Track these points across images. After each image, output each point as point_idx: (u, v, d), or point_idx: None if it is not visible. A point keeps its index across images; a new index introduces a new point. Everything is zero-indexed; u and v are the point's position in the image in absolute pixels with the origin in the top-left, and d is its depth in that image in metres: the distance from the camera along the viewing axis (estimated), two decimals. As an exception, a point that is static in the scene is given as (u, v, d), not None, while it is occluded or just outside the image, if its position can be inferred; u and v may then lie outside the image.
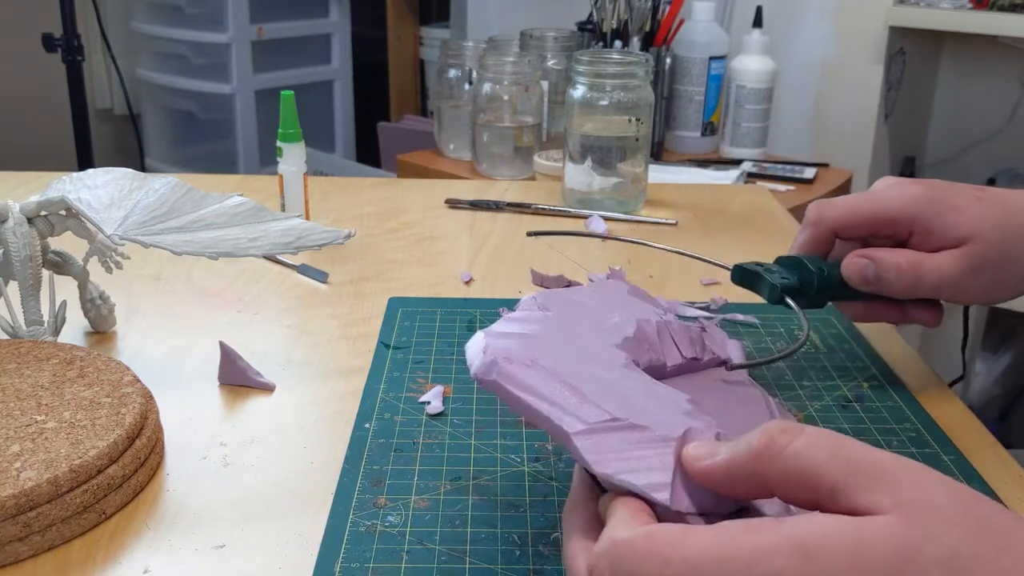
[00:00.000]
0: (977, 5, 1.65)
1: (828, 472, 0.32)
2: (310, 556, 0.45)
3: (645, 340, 0.46)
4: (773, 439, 0.33)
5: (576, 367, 0.40)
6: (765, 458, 0.33)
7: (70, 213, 0.64)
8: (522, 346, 0.40)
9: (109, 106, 2.80)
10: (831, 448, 0.32)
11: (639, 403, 0.38)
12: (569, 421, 0.37)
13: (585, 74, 0.97)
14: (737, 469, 0.34)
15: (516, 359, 0.39)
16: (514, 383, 0.38)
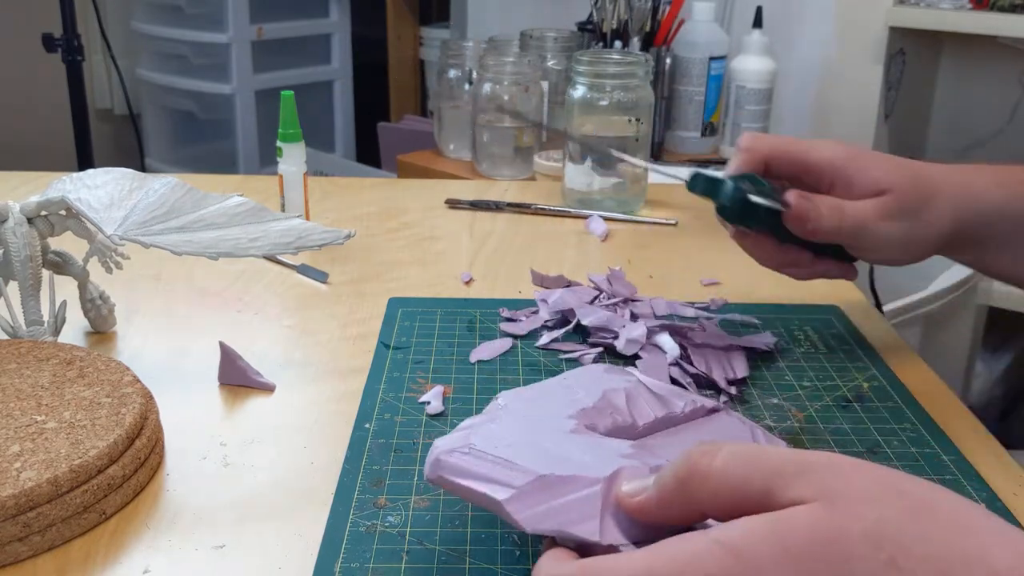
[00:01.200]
0: (977, 5, 1.65)
1: (754, 481, 0.33)
2: (310, 556, 0.45)
3: (608, 407, 0.46)
4: (695, 463, 0.34)
5: (518, 440, 0.41)
6: (692, 483, 0.34)
7: (70, 213, 0.64)
8: (463, 438, 0.42)
9: (109, 106, 2.80)
10: (752, 458, 0.33)
11: (576, 458, 0.39)
12: (500, 491, 0.38)
13: (585, 74, 0.97)
14: (668, 499, 0.35)
15: (455, 450, 0.41)
16: (453, 472, 0.40)
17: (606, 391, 0.47)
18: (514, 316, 0.71)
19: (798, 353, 0.67)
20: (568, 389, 0.47)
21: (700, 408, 0.49)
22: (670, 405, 0.48)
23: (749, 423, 0.48)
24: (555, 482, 0.38)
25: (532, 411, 0.45)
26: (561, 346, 0.67)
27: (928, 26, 1.69)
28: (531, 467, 0.39)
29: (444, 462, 0.41)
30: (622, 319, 0.68)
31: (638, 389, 0.48)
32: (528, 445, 0.41)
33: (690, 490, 0.34)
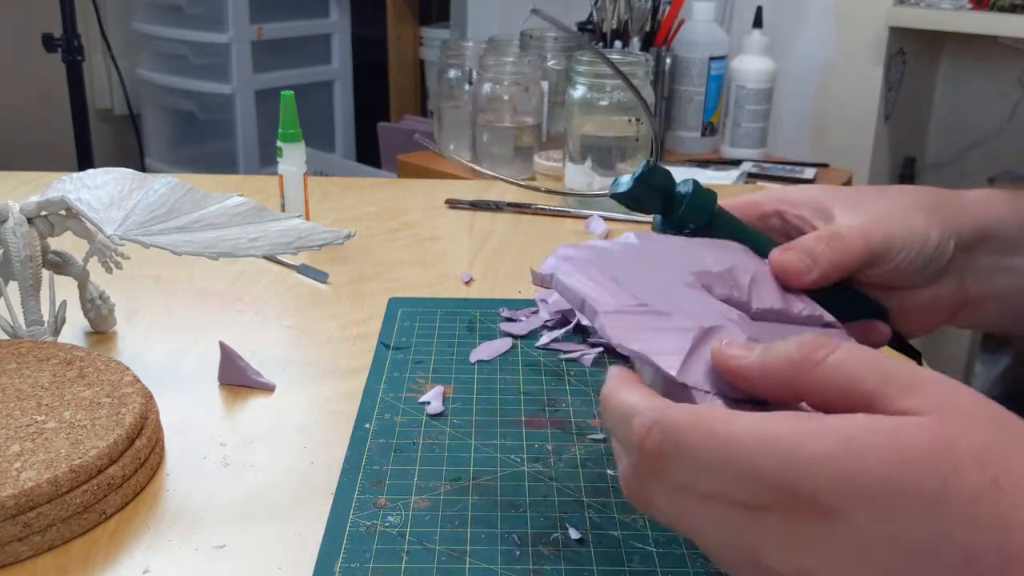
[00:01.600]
0: (977, 5, 1.65)
1: (865, 382, 0.33)
2: (310, 556, 0.45)
3: (730, 279, 0.45)
4: (812, 350, 0.34)
5: (634, 271, 0.41)
6: (803, 367, 0.34)
7: (70, 213, 0.64)
8: (587, 248, 0.43)
9: (109, 106, 2.80)
10: (868, 361, 0.33)
11: (681, 301, 0.40)
12: (603, 301, 0.39)
13: (585, 74, 0.97)
14: (772, 373, 0.35)
15: (574, 257, 0.42)
16: (566, 273, 0.41)
17: (734, 266, 0.46)
18: (514, 316, 0.71)
19: (798, 353, 0.67)
20: (700, 247, 0.46)
21: (818, 317, 0.46)
22: (790, 303, 0.46)
23: None
24: (653, 312, 0.38)
25: (658, 254, 0.45)
26: (561, 346, 0.67)
27: (928, 26, 1.69)
28: (640, 295, 0.39)
29: (562, 265, 0.41)
30: (622, 319, 0.68)
31: (766, 277, 0.47)
32: (643, 278, 0.41)
33: (799, 373, 0.34)
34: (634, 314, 0.38)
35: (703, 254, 0.46)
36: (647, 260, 0.44)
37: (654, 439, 0.33)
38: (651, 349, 0.36)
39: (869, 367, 0.33)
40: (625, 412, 0.34)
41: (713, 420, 0.32)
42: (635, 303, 0.39)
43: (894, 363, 0.33)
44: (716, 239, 0.48)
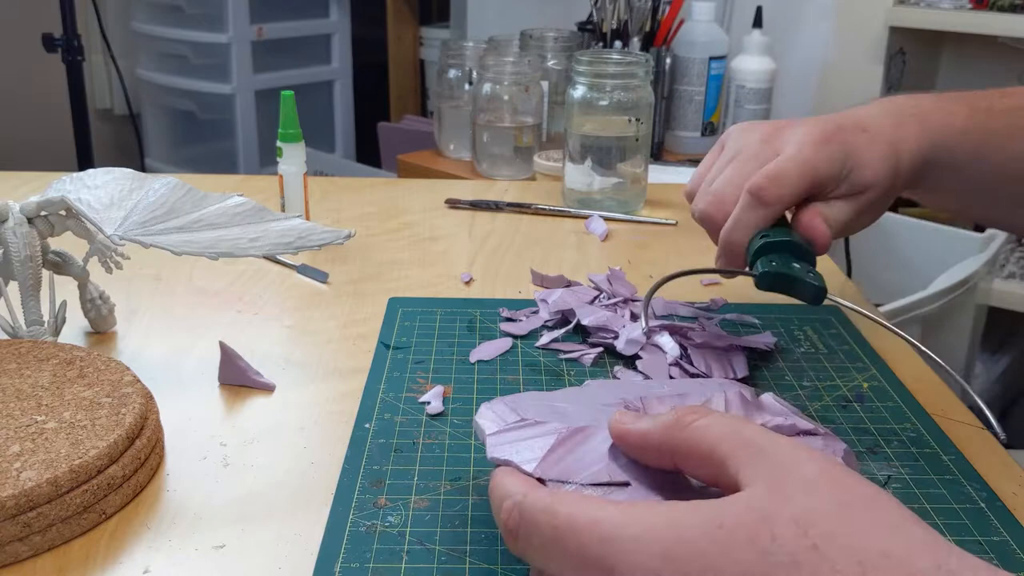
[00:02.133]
0: (977, 5, 1.65)
1: (720, 448, 0.36)
2: (310, 556, 0.45)
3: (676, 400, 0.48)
4: (682, 415, 0.38)
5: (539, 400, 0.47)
6: (672, 431, 0.38)
7: (70, 213, 0.64)
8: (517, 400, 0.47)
9: (109, 106, 2.80)
10: (729, 427, 0.36)
11: (570, 414, 0.45)
12: (489, 427, 0.44)
13: (585, 74, 0.97)
14: (649, 437, 0.39)
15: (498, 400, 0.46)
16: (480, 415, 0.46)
17: (690, 392, 0.49)
18: (514, 316, 0.71)
19: (798, 353, 0.67)
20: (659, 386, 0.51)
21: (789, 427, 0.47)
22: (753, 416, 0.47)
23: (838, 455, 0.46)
24: (530, 425, 0.43)
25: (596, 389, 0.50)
26: (561, 346, 0.67)
27: (928, 26, 1.69)
28: (525, 414, 0.44)
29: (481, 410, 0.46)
30: (622, 319, 0.68)
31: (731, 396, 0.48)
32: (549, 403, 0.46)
33: (669, 436, 0.38)
34: (512, 430, 0.43)
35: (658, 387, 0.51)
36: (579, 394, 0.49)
37: (513, 519, 0.37)
38: (516, 456, 0.41)
39: (728, 434, 0.36)
40: (498, 495, 0.39)
41: (559, 503, 0.36)
42: (516, 419, 0.44)
43: (752, 432, 0.36)
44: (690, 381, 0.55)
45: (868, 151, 0.61)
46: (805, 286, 0.58)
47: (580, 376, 0.63)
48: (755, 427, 0.36)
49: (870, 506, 0.32)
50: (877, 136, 0.62)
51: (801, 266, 0.59)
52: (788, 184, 0.59)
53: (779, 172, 0.59)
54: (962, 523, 0.49)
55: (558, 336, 0.68)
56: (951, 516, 0.49)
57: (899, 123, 0.63)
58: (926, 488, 0.51)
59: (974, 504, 0.50)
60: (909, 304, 1.27)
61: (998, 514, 0.49)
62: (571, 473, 0.40)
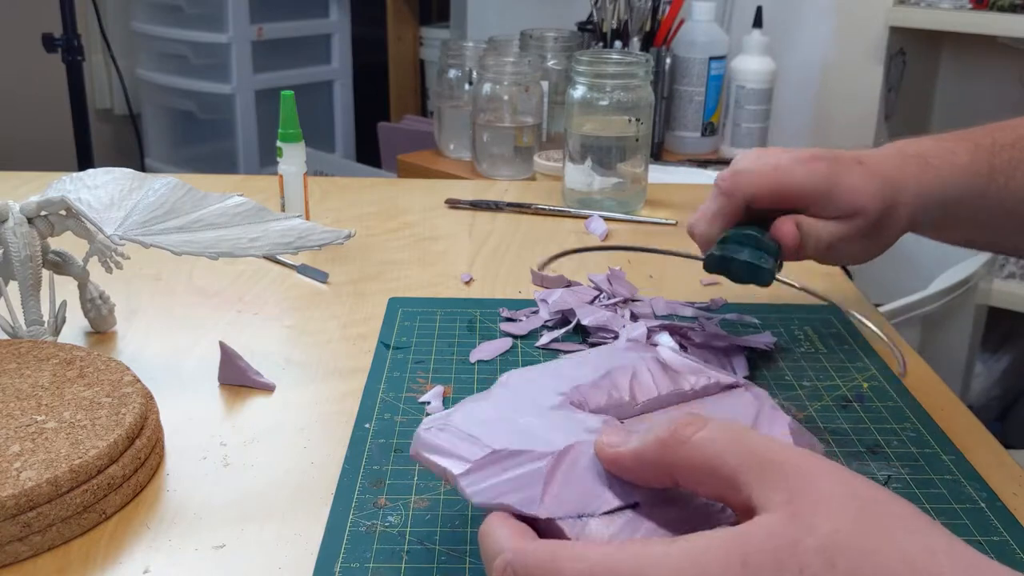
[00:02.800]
0: (977, 5, 1.65)
1: (727, 462, 0.34)
2: (310, 556, 0.45)
3: (608, 383, 0.46)
4: (678, 429, 0.35)
5: (495, 417, 0.42)
6: (670, 447, 0.35)
7: (70, 213, 0.64)
8: (445, 415, 0.43)
9: (109, 106, 2.80)
10: (731, 439, 0.34)
11: (540, 433, 0.40)
12: (457, 465, 0.40)
13: (585, 74, 0.97)
14: (644, 457, 0.36)
15: (432, 426, 0.42)
16: (425, 447, 0.42)
17: (613, 369, 0.47)
18: (514, 316, 0.71)
19: (798, 353, 0.67)
20: (576, 366, 0.48)
21: (714, 384, 0.48)
22: (680, 382, 0.47)
23: (762, 401, 0.46)
24: (506, 456, 0.39)
25: (526, 388, 0.45)
26: (561, 346, 0.67)
27: (928, 26, 1.69)
28: (491, 442, 0.40)
29: (420, 437, 0.42)
30: (622, 319, 0.68)
31: (651, 365, 0.48)
32: (502, 421, 0.42)
33: (667, 453, 0.35)
34: (486, 466, 0.39)
35: (579, 369, 0.47)
36: (512, 399, 0.44)
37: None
38: (511, 499, 0.38)
39: (731, 447, 0.34)
40: (491, 549, 0.36)
41: (563, 560, 0.33)
42: (486, 453, 0.39)
43: (757, 442, 0.34)
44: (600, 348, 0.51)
45: (859, 179, 0.61)
46: (749, 267, 0.60)
47: (580, 376, 0.63)
48: (756, 436, 0.35)
49: (892, 516, 0.32)
50: (873, 169, 0.62)
51: (753, 252, 0.60)
52: (751, 178, 0.61)
53: (746, 167, 0.62)
54: (962, 523, 0.49)
55: (558, 336, 0.68)
56: (951, 516, 0.49)
57: (900, 165, 0.63)
58: (926, 488, 0.51)
59: (974, 504, 0.50)
60: (909, 304, 1.27)
61: (998, 514, 0.49)
62: (581, 505, 0.37)
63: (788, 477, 0.33)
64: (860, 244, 0.63)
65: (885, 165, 0.63)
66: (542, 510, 0.37)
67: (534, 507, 0.37)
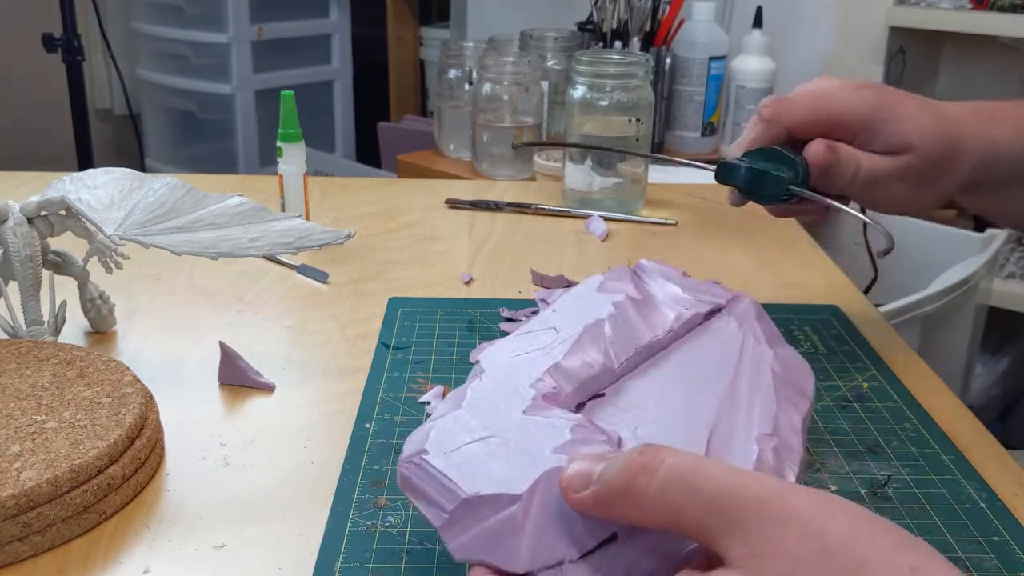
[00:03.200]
0: (977, 5, 1.65)
1: (687, 514, 0.33)
2: (310, 556, 0.45)
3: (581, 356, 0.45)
4: (633, 477, 0.34)
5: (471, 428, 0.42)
6: (629, 497, 0.34)
7: (70, 213, 0.64)
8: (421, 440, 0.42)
9: (109, 106, 2.80)
10: (687, 487, 0.33)
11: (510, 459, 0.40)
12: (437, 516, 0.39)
13: (585, 74, 0.97)
14: (607, 503, 0.35)
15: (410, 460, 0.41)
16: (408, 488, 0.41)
17: (585, 331, 0.46)
18: (514, 316, 0.71)
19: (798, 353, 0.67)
20: (549, 332, 0.46)
21: (693, 317, 0.45)
22: (655, 327, 0.46)
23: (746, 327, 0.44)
24: (478, 504, 0.39)
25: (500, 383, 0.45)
26: (561, 346, 0.67)
27: (928, 26, 1.69)
28: (462, 484, 0.39)
29: (403, 476, 0.42)
30: (622, 319, 0.68)
31: (625, 314, 0.46)
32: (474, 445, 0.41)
33: (627, 502, 0.34)
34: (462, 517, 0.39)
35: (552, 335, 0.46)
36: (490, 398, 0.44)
37: None
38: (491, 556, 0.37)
39: (691, 497, 0.32)
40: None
41: None
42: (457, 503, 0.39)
43: (717, 486, 0.32)
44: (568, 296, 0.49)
45: (915, 110, 0.56)
46: (761, 175, 0.55)
47: (580, 376, 0.63)
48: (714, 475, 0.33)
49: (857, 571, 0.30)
50: (935, 107, 0.57)
51: (771, 165, 0.56)
52: (792, 106, 0.57)
53: (789, 96, 0.58)
54: (962, 523, 0.49)
55: (558, 336, 0.68)
56: (951, 516, 0.49)
57: (968, 111, 0.58)
58: (926, 488, 0.51)
59: (974, 504, 0.50)
60: (909, 304, 1.27)
61: (998, 514, 0.49)
62: (560, 551, 0.37)
63: (749, 530, 0.31)
64: (910, 188, 0.57)
65: (950, 107, 0.57)
66: (520, 565, 0.37)
67: (512, 563, 0.37)
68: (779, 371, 0.42)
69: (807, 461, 0.44)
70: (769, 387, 0.41)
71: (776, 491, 0.32)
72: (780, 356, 0.43)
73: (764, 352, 0.43)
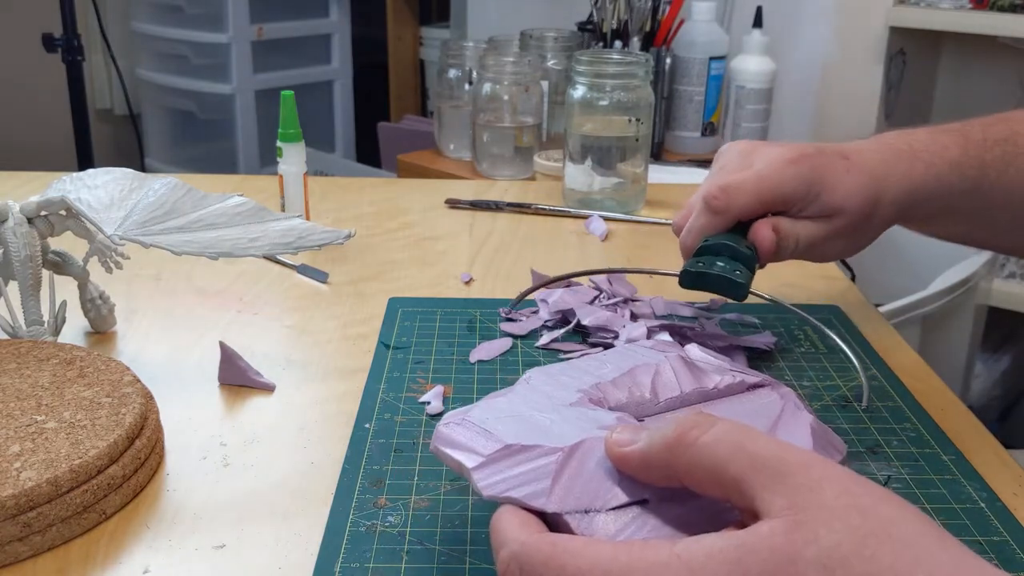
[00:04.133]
0: (977, 5, 1.65)
1: (731, 467, 0.34)
2: (310, 556, 0.46)
3: (629, 381, 0.47)
4: (684, 432, 0.36)
5: (512, 413, 0.43)
6: (676, 450, 0.36)
7: (70, 213, 0.64)
8: (465, 410, 0.44)
9: (109, 106, 2.80)
10: (736, 443, 0.34)
11: (554, 429, 0.41)
12: (470, 458, 0.40)
13: (585, 74, 0.97)
14: (651, 458, 0.37)
15: (451, 421, 0.43)
16: (442, 441, 0.42)
17: (636, 366, 0.47)
18: (514, 316, 0.71)
19: (798, 353, 0.67)
20: (599, 364, 0.48)
21: (739, 384, 0.47)
22: (704, 380, 0.47)
23: (787, 400, 0.46)
24: (518, 451, 0.39)
25: (547, 385, 0.46)
26: (561, 346, 0.67)
27: (928, 26, 1.69)
28: (505, 437, 0.40)
29: (439, 432, 0.43)
30: (622, 319, 0.68)
31: (675, 363, 0.48)
32: (518, 417, 0.42)
33: (673, 456, 0.36)
34: (499, 460, 0.40)
35: (602, 367, 0.48)
36: (532, 395, 0.45)
37: (512, 572, 0.35)
38: (520, 492, 0.38)
39: (736, 452, 0.34)
40: (498, 540, 0.37)
41: (564, 556, 0.34)
42: (499, 447, 0.40)
43: (762, 446, 0.34)
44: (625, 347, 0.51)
45: (842, 177, 0.61)
46: (723, 281, 0.59)
47: (580, 376, 0.63)
48: (762, 440, 0.35)
49: (891, 533, 0.31)
50: (857, 166, 0.62)
51: (727, 265, 0.59)
52: (739, 196, 0.61)
53: (733, 183, 0.61)
54: (962, 523, 0.49)
55: (558, 336, 0.68)
56: (951, 516, 0.49)
57: (886, 160, 0.63)
58: (926, 488, 0.51)
59: (974, 504, 0.50)
60: (909, 304, 1.27)
61: (998, 514, 0.49)
62: (588, 500, 0.37)
63: (791, 484, 0.33)
64: (841, 242, 0.63)
65: (871, 160, 0.62)
66: (549, 504, 0.37)
67: (541, 500, 0.38)
68: (817, 429, 0.44)
69: None
70: (807, 437, 0.43)
71: (818, 459, 0.34)
72: (818, 422, 0.45)
73: (804, 416, 0.44)
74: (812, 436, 0.43)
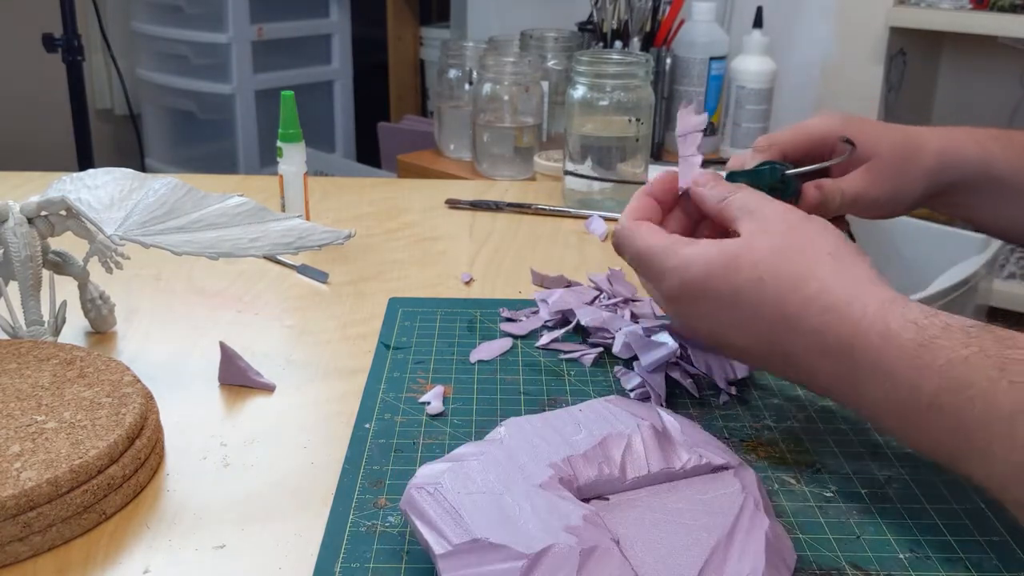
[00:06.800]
0: (977, 5, 1.65)
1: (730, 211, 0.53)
2: (310, 556, 0.46)
3: (601, 456, 0.47)
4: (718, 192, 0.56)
5: (483, 487, 0.44)
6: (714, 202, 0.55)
7: (70, 213, 0.64)
8: (438, 474, 0.45)
9: (109, 106, 2.80)
10: (741, 203, 0.53)
11: (521, 524, 0.41)
12: (440, 544, 0.41)
13: (585, 74, 0.97)
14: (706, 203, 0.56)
15: (424, 487, 0.44)
16: (413, 509, 0.44)
17: (608, 436, 0.48)
18: (514, 316, 0.71)
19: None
20: (574, 427, 0.49)
21: (704, 465, 0.48)
22: (671, 459, 0.48)
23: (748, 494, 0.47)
24: (485, 547, 0.40)
25: (520, 450, 0.46)
26: (561, 346, 0.67)
27: (928, 26, 1.70)
28: (474, 525, 0.41)
29: (411, 496, 0.44)
30: (622, 319, 0.68)
31: (646, 436, 0.49)
32: (489, 496, 0.43)
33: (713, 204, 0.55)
34: (466, 553, 0.40)
35: (576, 429, 0.49)
36: (505, 464, 0.45)
37: None
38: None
39: (738, 204, 0.53)
40: None
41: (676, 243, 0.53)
42: (467, 540, 0.41)
43: (750, 199, 0.53)
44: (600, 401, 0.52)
45: (875, 125, 0.66)
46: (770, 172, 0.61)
47: (580, 376, 0.63)
48: (757, 197, 0.53)
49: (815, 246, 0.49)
50: (891, 123, 0.66)
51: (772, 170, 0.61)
52: (780, 135, 0.66)
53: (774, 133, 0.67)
54: (962, 523, 0.49)
55: (558, 336, 0.68)
56: (951, 516, 0.49)
57: (923, 128, 0.67)
58: (926, 488, 0.51)
59: (974, 504, 0.50)
60: (909, 304, 1.27)
61: (998, 514, 0.49)
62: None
63: (756, 218, 0.51)
64: (887, 190, 0.65)
65: (911, 128, 0.67)
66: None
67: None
68: (772, 539, 0.44)
69: None
70: (760, 551, 0.43)
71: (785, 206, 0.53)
72: (774, 527, 0.45)
73: (762, 519, 0.45)
74: (766, 546, 0.43)
